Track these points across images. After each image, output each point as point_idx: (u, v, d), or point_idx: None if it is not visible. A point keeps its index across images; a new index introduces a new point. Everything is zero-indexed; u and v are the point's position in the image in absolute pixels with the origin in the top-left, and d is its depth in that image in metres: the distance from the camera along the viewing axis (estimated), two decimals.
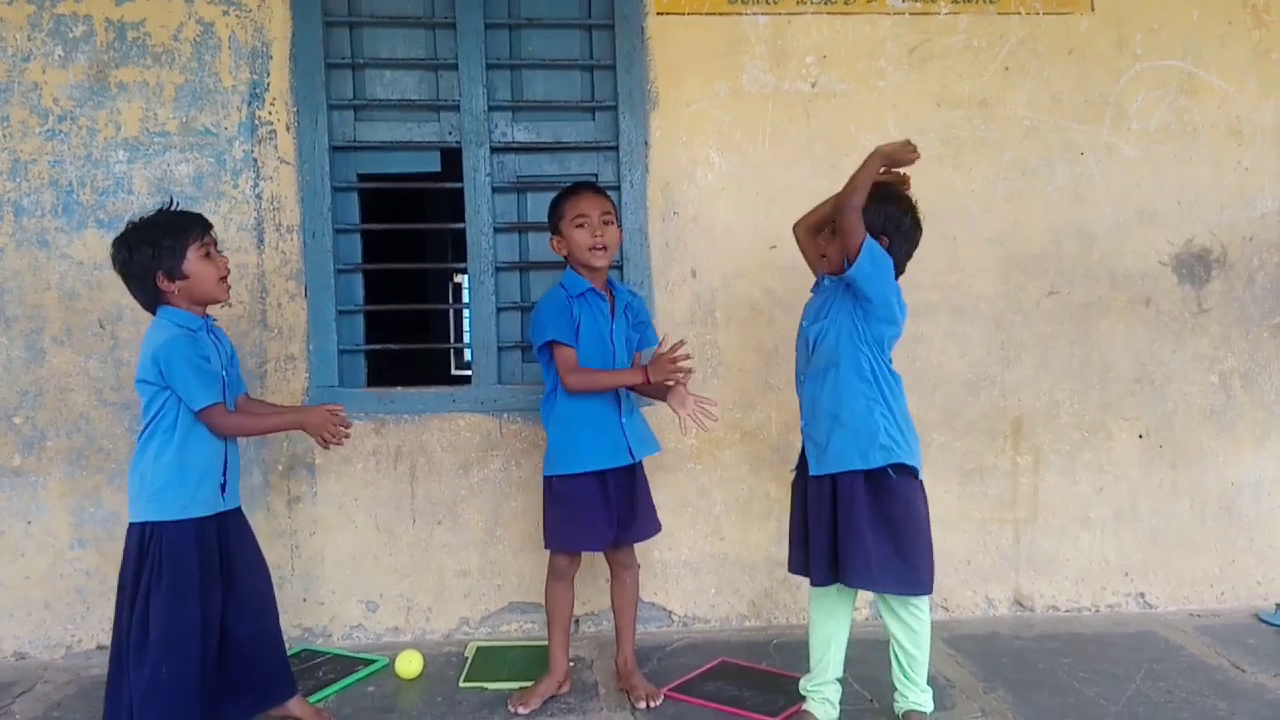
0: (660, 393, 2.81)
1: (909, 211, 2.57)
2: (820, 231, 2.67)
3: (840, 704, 2.70)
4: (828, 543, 2.55)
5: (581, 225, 2.75)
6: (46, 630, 3.26)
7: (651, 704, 2.80)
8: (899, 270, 2.59)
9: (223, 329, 2.67)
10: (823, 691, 2.68)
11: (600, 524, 2.77)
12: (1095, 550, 3.56)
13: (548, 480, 2.81)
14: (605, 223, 2.76)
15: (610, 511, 2.79)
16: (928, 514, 2.57)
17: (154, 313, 2.51)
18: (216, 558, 2.50)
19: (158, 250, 2.45)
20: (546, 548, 2.82)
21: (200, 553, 2.46)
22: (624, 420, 2.80)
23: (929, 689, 2.64)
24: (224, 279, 2.55)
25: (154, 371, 2.43)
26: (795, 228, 2.76)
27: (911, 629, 2.57)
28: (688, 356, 2.68)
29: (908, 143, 2.50)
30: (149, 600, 2.41)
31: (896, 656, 2.62)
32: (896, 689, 2.65)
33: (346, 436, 2.59)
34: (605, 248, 2.75)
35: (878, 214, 2.52)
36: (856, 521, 2.48)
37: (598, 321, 2.79)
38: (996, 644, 3.27)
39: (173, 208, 2.57)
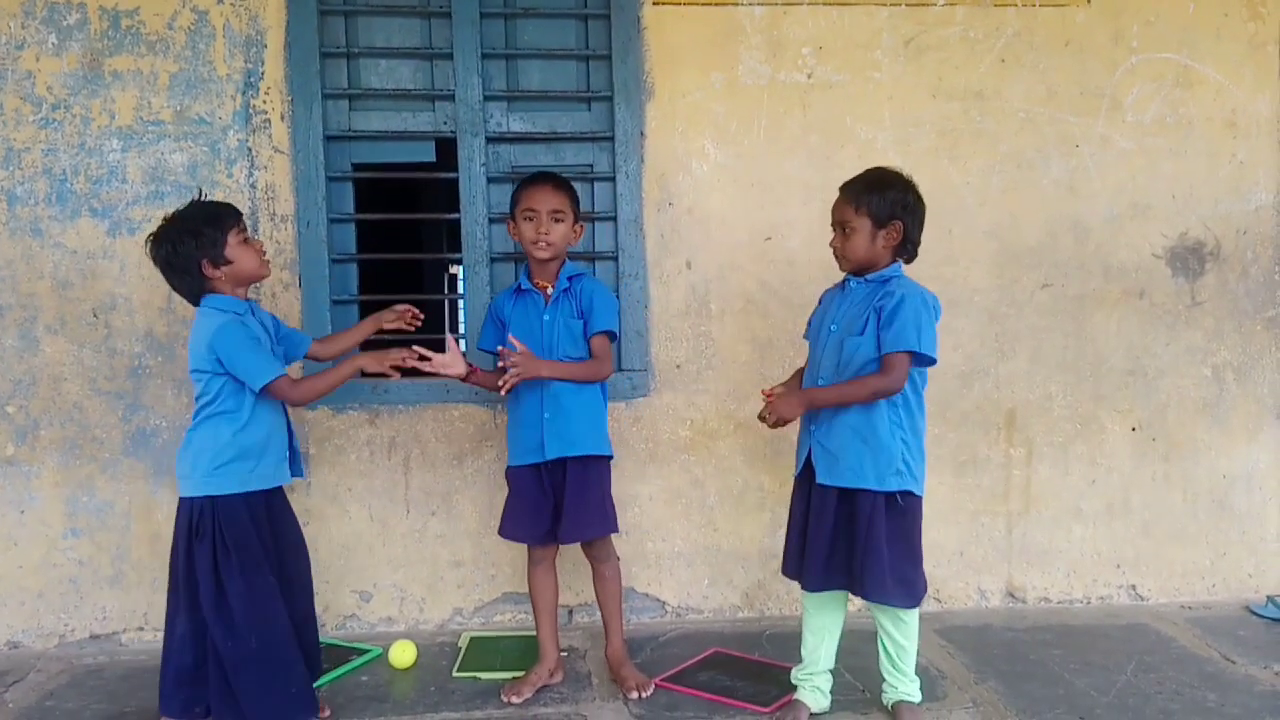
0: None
1: (910, 188, 2.57)
2: None
3: (831, 693, 2.72)
4: (826, 551, 2.56)
5: (529, 219, 2.78)
6: (39, 620, 3.26)
7: (643, 694, 2.81)
8: (917, 245, 2.60)
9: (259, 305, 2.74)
10: (814, 681, 2.69)
11: (528, 517, 2.82)
12: (1087, 542, 3.57)
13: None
14: (555, 220, 2.76)
15: (547, 503, 2.82)
16: (921, 531, 2.61)
17: (197, 303, 2.57)
18: (270, 534, 2.57)
19: (200, 240, 2.52)
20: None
21: (256, 525, 2.53)
22: (545, 416, 2.78)
23: (917, 679, 2.67)
24: (264, 258, 2.64)
25: (210, 360, 2.49)
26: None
27: (902, 620, 2.60)
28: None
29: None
30: (218, 578, 2.46)
31: (885, 648, 2.64)
32: (885, 680, 2.68)
33: (415, 358, 2.64)
34: (548, 244, 2.76)
35: (883, 201, 2.54)
36: (876, 540, 2.49)
37: (528, 315, 2.84)
38: (988, 635, 3.28)
39: (203, 198, 2.66)
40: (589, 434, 2.83)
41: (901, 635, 2.60)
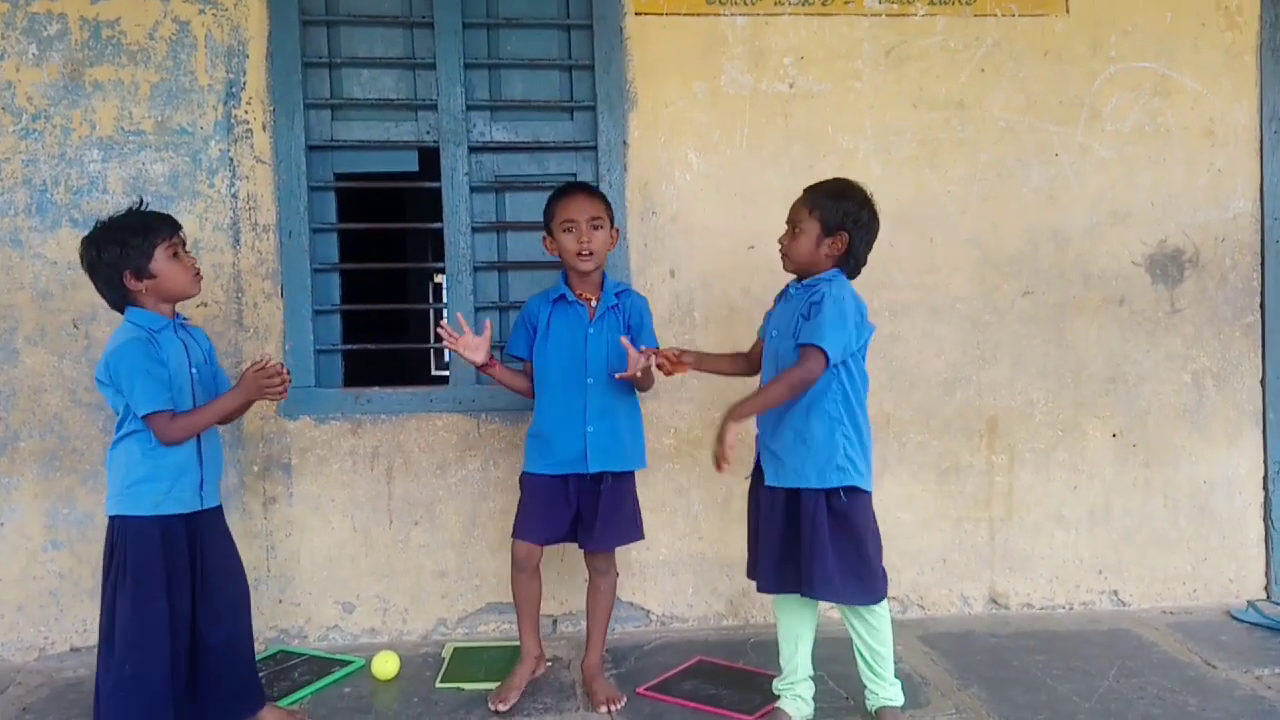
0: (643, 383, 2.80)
1: (866, 204, 2.59)
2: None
3: (814, 700, 2.72)
4: (778, 552, 2.58)
5: (568, 230, 2.75)
6: (19, 632, 3.23)
7: (612, 708, 2.78)
8: (861, 262, 2.62)
9: (201, 328, 2.68)
10: (795, 689, 2.70)
11: (548, 521, 2.79)
12: (1069, 548, 3.59)
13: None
14: (594, 227, 2.75)
15: (568, 512, 2.81)
16: (876, 527, 2.62)
17: (122, 312, 2.51)
18: (187, 559, 2.48)
19: (125, 249, 2.45)
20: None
21: (166, 551, 2.44)
22: (589, 430, 2.76)
23: (898, 682, 2.68)
24: (196, 275, 2.56)
25: (106, 374, 2.44)
26: (750, 368, 2.81)
27: (873, 626, 2.61)
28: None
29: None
30: (115, 597, 2.41)
31: (862, 655, 2.65)
32: (866, 687, 2.68)
33: (286, 382, 2.47)
34: (591, 253, 2.75)
35: (835, 210, 2.56)
36: (819, 537, 2.51)
37: (571, 327, 2.80)
38: (971, 641, 3.29)
39: (142, 208, 2.57)
40: (635, 448, 2.85)
41: (873, 639, 2.61)
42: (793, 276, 2.69)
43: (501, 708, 2.77)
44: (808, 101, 3.44)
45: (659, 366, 2.70)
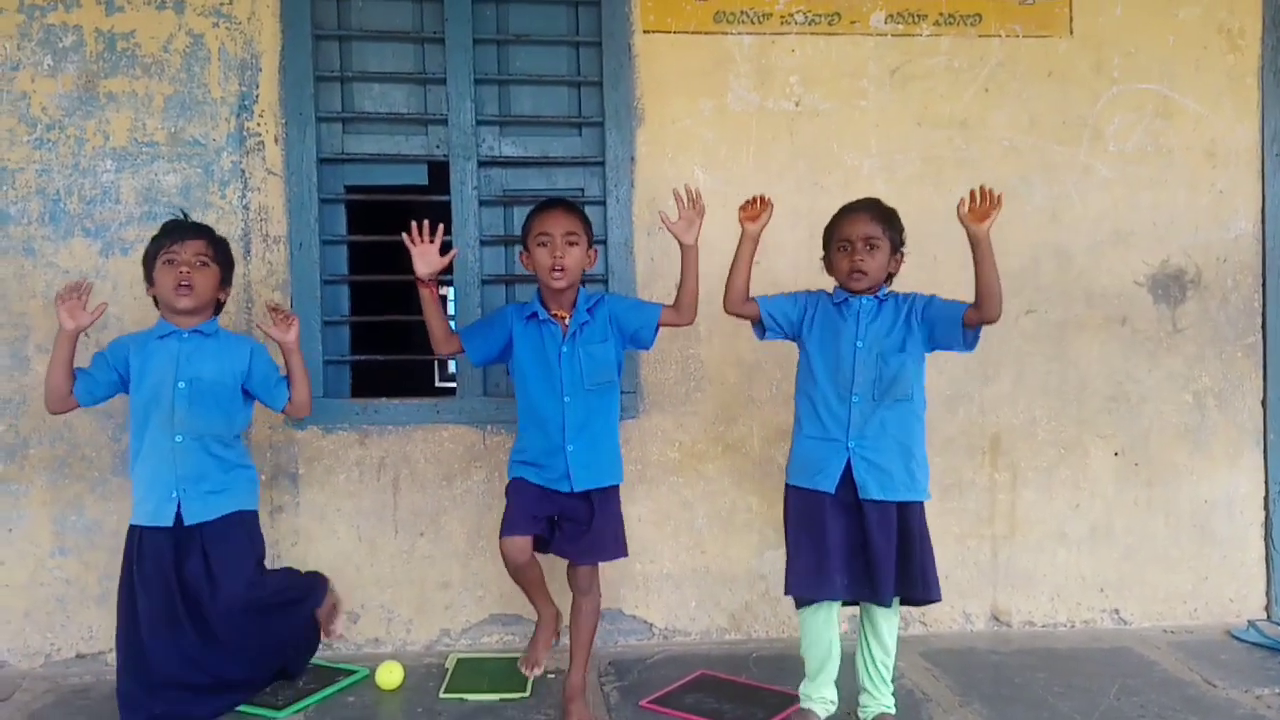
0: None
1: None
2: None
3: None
4: (895, 562, 2.64)
5: (543, 244, 2.71)
6: (25, 639, 3.24)
7: None
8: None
9: (250, 339, 2.87)
10: (824, 693, 2.74)
11: (527, 516, 2.74)
12: (1071, 566, 3.60)
13: None
14: (569, 243, 2.70)
15: (551, 509, 2.78)
16: None
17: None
18: (162, 572, 2.64)
19: (146, 258, 2.64)
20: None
21: (141, 563, 2.64)
22: (570, 449, 2.74)
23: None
24: (180, 286, 2.64)
25: None
26: (730, 305, 2.81)
27: (894, 632, 2.72)
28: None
29: None
30: None
31: (875, 663, 2.71)
32: (871, 694, 2.74)
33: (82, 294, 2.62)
34: (565, 269, 2.69)
35: (899, 230, 2.75)
36: (928, 544, 2.68)
37: (544, 345, 2.76)
38: (973, 658, 3.30)
39: (183, 218, 2.79)
40: (615, 463, 2.85)
41: (892, 643, 2.72)
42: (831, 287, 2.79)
43: (536, 671, 2.87)
44: (813, 119, 3.48)
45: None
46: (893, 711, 2.73)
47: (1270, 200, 3.63)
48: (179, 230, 2.70)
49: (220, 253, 2.76)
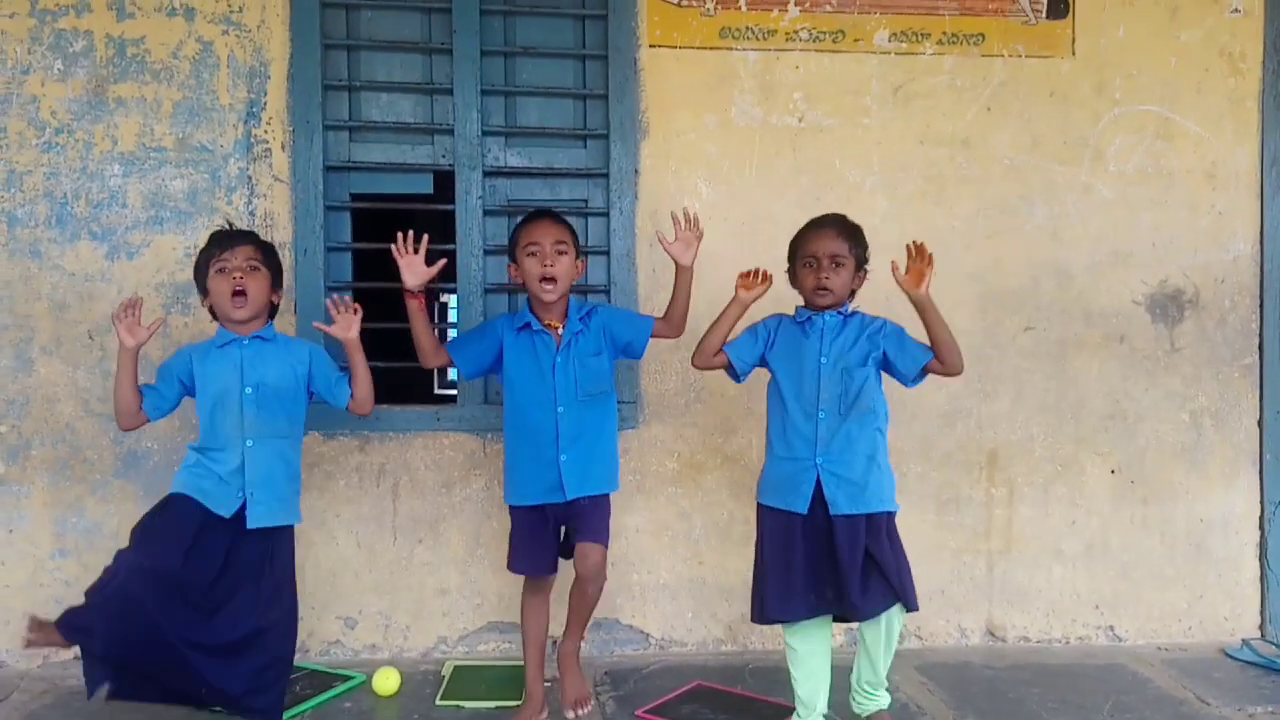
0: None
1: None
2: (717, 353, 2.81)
3: None
4: (862, 577, 2.62)
5: (532, 254, 2.73)
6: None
7: (579, 711, 2.80)
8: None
9: (308, 342, 2.86)
10: (816, 704, 2.75)
11: (539, 552, 2.81)
12: (1066, 583, 3.62)
13: None
14: (558, 252, 2.73)
15: (555, 535, 2.83)
16: None
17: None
18: (212, 556, 2.60)
19: (196, 272, 2.70)
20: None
21: (184, 525, 2.60)
22: (563, 458, 2.75)
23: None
24: (237, 294, 2.64)
25: None
26: (699, 360, 2.83)
27: (890, 641, 2.71)
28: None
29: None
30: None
31: (872, 664, 2.74)
32: (868, 694, 2.79)
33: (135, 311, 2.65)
34: (554, 279, 2.72)
35: (863, 247, 2.76)
36: (901, 554, 2.68)
37: (538, 356, 2.78)
38: (968, 673, 3.31)
39: (225, 228, 2.80)
40: (610, 472, 2.87)
41: (891, 643, 2.71)
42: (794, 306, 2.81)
43: None
44: (816, 135, 3.51)
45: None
46: (888, 709, 2.78)
47: (1269, 223, 3.65)
48: (227, 239, 2.70)
49: (269, 256, 2.76)
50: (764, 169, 3.49)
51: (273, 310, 2.81)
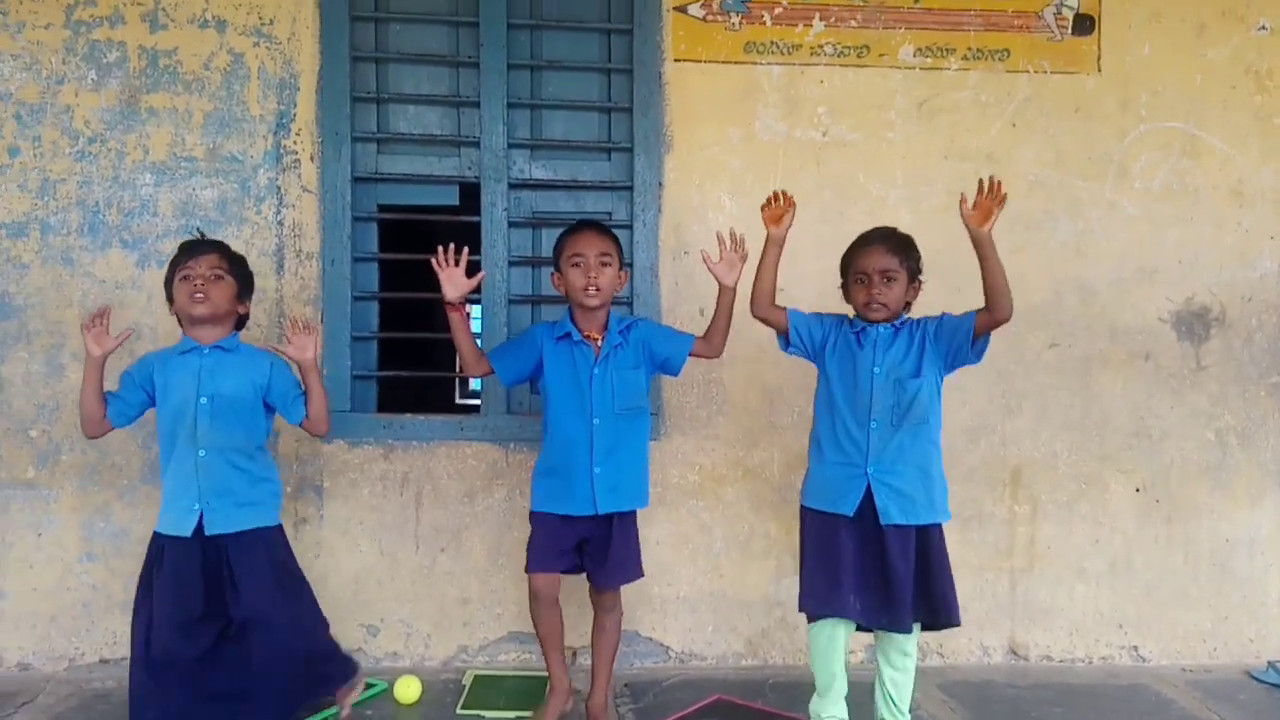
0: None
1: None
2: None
3: None
4: (913, 589, 2.65)
5: (577, 265, 2.75)
6: (51, 642, 3.29)
7: None
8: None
9: (271, 353, 2.82)
10: (833, 711, 2.75)
11: (558, 553, 2.80)
12: (1090, 601, 3.59)
13: None
14: (602, 264, 2.74)
15: (576, 544, 2.82)
16: None
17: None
18: (190, 581, 2.64)
19: (166, 283, 2.74)
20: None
21: (161, 568, 2.65)
22: (596, 471, 2.76)
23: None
24: (194, 295, 2.66)
25: None
26: (757, 309, 2.82)
27: (913, 658, 2.74)
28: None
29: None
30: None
31: (897, 688, 2.74)
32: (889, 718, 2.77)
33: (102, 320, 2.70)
34: (599, 289, 2.74)
35: (916, 259, 2.77)
36: (948, 568, 2.72)
37: (576, 366, 2.79)
38: (990, 691, 3.30)
39: (197, 235, 2.85)
40: (641, 488, 2.87)
41: (912, 668, 2.74)
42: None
43: None
44: (840, 150, 3.51)
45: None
46: None
47: None
48: (193, 247, 2.75)
49: (235, 266, 2.77)
50: (788, 183, 3.46)
51: (241, 321, 2.82)
